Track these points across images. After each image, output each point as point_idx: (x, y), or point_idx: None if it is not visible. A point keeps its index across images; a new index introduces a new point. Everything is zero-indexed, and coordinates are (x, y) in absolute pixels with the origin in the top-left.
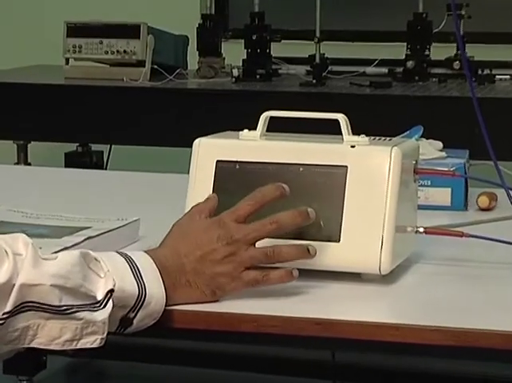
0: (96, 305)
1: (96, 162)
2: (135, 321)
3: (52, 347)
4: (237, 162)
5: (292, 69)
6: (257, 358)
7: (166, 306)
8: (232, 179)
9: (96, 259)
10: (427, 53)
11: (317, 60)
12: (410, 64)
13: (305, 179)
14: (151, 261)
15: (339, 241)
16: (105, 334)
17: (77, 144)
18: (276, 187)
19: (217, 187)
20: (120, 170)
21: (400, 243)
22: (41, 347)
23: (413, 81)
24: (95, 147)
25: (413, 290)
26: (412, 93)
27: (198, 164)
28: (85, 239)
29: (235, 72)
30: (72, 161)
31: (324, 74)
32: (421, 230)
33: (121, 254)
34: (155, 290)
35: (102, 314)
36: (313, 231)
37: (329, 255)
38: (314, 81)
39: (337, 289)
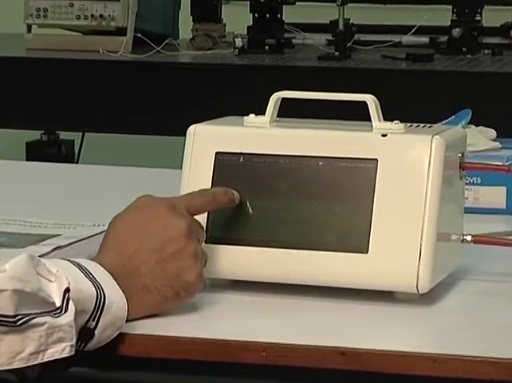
0: (56, 311)
1: (65, 154)
2: (96, 332)
3: (15, 365)
4: (241, 154)
5: (309, 39)
6: None
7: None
8: (235, 175)
9: (41, 262)
10: (477, 18)
11: (341, 27)
12: (456, 32)
13: (326, 175)
14: (98, 265)
15: (367, 252)
16: (74, 340)
17: (42, 132)
18: (224, 192)
19: (216, 184)
20: (95, 164)
21: (443, 255)
22: (2, 368)
23: (460, 54)
24: (64, 135)
25: (458, 313)
26: (459, 69)
27: (194, 157)
28: (54, 249)
29: (239, 42)
30: (35, 152)
31: (349, 45)
32: (469, 238)
33: (60, 258)
34: (113, 292)
35: (66, 317)
36: (333, 240)
37: (355, 269)
38: (337, 54)
39: (365, 311)
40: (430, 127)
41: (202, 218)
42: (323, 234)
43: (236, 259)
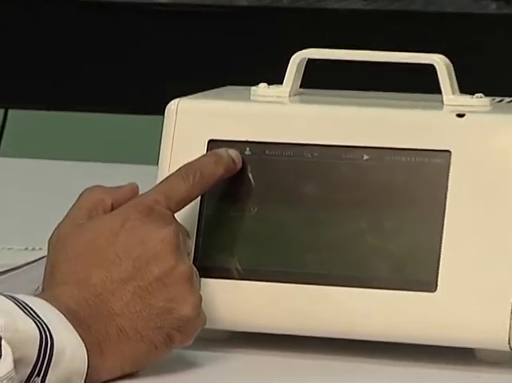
0: None
1: None
2: None
3: None
4: (247, 143)
5: None
6: None
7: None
8: (238, 174)
9: None
10: None
11: None
12: None
13: (374, 175)
14: (43, 300)
15: (434, 290)
16: None
17: None
18: (216, 159)
19: (210, 189)
20: (25, 157)
21: None
22: None
23: None
24: None
25: None
26: None
27: (176, 147)
28: None
29: None
30: None
31: None
32: None
33: None
34: (66, 334)
35: (3, 367)
36: (385, 272)
37: (417, 316)
38: None
39: (432, 378)
40: None
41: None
42: (370, 264)
43: (240, 301)
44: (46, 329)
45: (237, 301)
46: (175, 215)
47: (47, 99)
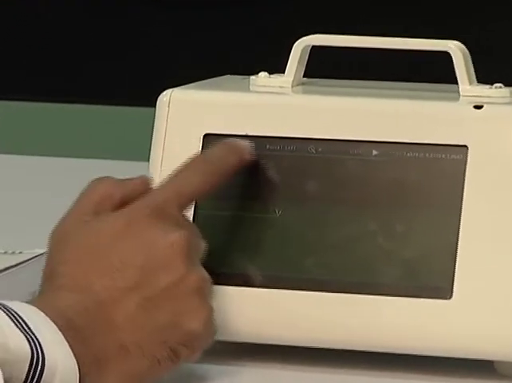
0: None
1: None
2: None
3: None
4: (246, 137)
5: None
6: None
7: None
8: (237, 172)
9: None
10: None
11: None
12: None
13: (383, 172)
14: (38, 310)
15: (450, 297)
16: None
17: None
18: (229, 148)
19: (205, 187)
20: (12, 153)
21: None
22: None
23: None
24: None
25: None
26: None
27: (169, 142)
28: None
29: None
30: None
31: None
32: None
33: None
34: (58, 351)
35: None
36: (396, 277)
37: (431, 326)
38: None
39: None
40: None
41: None
42: (379, 269)
43: (240, 309)
44: (38, 346)
45: (232, 309)
46: None
47: (34, 90)
